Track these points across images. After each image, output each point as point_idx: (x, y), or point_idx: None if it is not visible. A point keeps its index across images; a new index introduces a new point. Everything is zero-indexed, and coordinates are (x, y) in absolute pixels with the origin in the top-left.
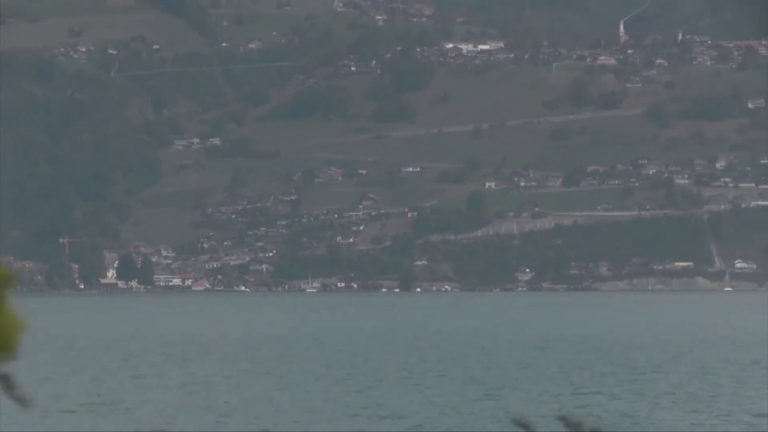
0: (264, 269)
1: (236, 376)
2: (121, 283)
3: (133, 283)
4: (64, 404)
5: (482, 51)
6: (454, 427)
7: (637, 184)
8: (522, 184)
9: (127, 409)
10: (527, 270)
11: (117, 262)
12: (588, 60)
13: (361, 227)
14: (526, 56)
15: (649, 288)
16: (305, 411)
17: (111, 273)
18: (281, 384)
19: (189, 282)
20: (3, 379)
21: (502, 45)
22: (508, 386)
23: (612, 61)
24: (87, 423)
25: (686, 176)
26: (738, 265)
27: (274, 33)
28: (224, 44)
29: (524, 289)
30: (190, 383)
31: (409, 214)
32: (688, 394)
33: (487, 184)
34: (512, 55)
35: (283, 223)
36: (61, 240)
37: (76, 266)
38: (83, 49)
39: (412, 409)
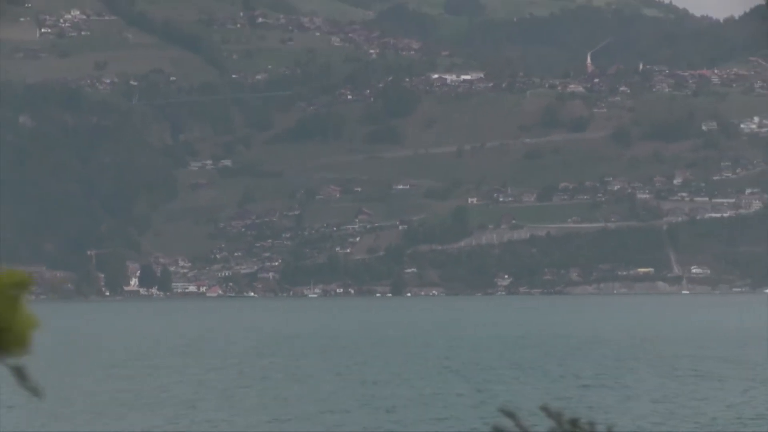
0: (270, 277)
1: (253, 368)
2: (142, 291)
3: (154, 290)
4: (116, 400)
5: (464, 80)
6: (436, 412)
7: (603, 199)
8: (500, 199)
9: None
10: (506, 276)
11: (139, 272)
12: (558, 88)
13: (357, 239)
14: (503, 85)
15: (615, 292)
16: (315, 399)
17: (134, 281)
18: (294, 376)
19: (203, 289)
20: (17, 371)
21: (482, 75)
22: (491, 380)
23: (580, 88)
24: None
25: (647, 191)
26: (694, 270)
27: (278, 66)
28: (234, 76)
29: (503, 293)
30: (208, 379)
31: (400, 227)
32: (651, 385)
33: (469, 200)
34: (491, 84)
35: (288, 235)
36: (88, 252)
37: (102, 275)
38: (107, 81)
39: (398, 393)
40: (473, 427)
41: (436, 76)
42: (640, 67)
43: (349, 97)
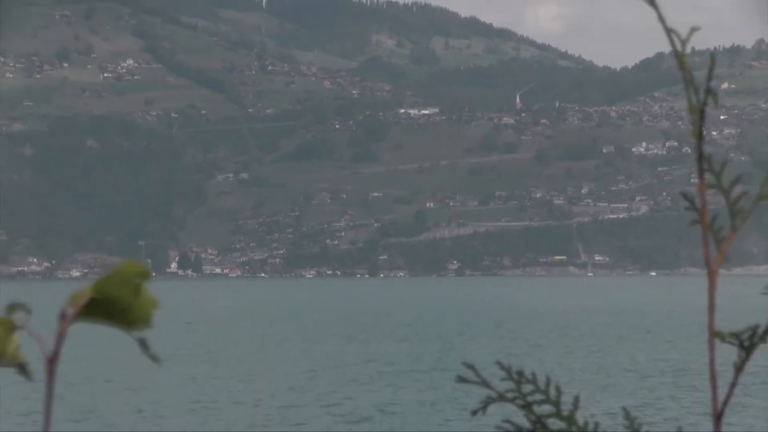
0: (277, 262)
1: (267, 333)
2: (180, 272)
3: (188, 272)
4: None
5: (423, 114)
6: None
7: (528, 204)
8: (451, 204)
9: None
10: (455, 262)
11: (177, 258)
12: (495, 120)
13: (343, 233)
14: (453, 118)
15: (537, 274)
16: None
17: (173, 265)
18: (302, 337)
19: (226, 271)
20: (141, 342)
21: (437, 110)
22: (452, 341)
23: (511, 121)
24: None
25: (561, 198)
26: (597, 258)
27: (283, 102)
28: (249, 110)
29: (453, 275)
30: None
31: (375, 225)
32: (574, 348)
33: (427, 204)
34: (444, 118)
35: (290, 231)
36: (139, 242)
37: (150, 260)
38: (154, 114)
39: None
40: (441, 371)
41: (402, 111)
42: (557, 105)
43: (337, 126)
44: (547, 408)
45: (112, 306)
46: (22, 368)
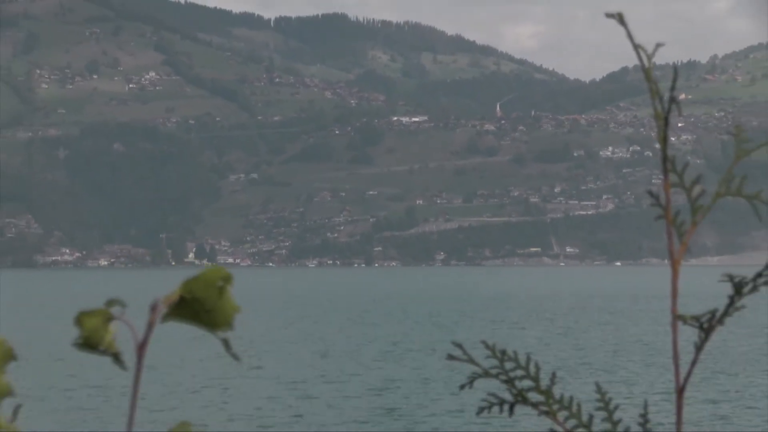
0: (284, 252)
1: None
2: (197, 262)
3: (204, 262)
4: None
5: (414, 121)
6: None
7: (507, 202)
8: (438, 201)
9: None
10: (442, 253)
11: (194, 249)
12: (477, 127)
13: (342, 228)
14: (441, 125)
15: (515, 264)
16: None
17: (191, 255)
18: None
19: (238, 261)
20: (224, 342)
21: (426, 118)
22: (441, 321)
23: (492, 127)
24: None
25: (537, 197)
26: (568, 250)
27: (289, 111)
28: (259, 117)
29: (440, 264)
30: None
31: (371, 220)
32: (550, 329)
33: (417, 202)
34: (432, 124)
35: (295, 225)
36: (160, 235)
37: (170, 251)
38: (174, 120)
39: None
40: (431, 346)
41: (395, 118)
42: (533, 113)
43: (337, 132)
44: (527, 383)
45: (199, 306)
46: (117, 357)
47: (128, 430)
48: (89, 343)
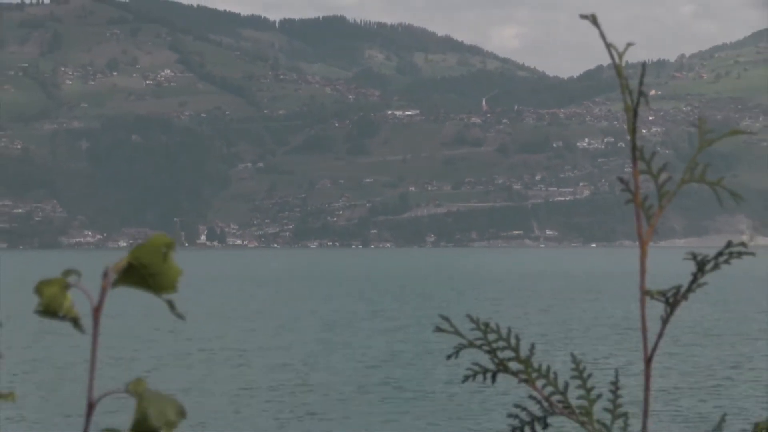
0: (288, 235)
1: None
2: (208, 243)
3: (215, 243)
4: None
5: (407, 115)
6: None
7: (492, 189)
8: (429, 188)
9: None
10: (432, 235)
11: (206, 231)
12: (465, 120)
13: (341, 212)
14: (431, 118)
15: (499, 246)
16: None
17: (202, 237)
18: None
19: (246, 242)
20: (169, 303)
21: (418, 112)
22: (430, 296)
23: (478, 120)
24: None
25: (519, 184)
26: (548, 233)
27: (293, 105)
28: (265, 111)
29: (430, 246)
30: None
31: (368, 205)
32: (530, 304)
33: (410, 188)
34: (424, 118)
35: (298, 209)
36: (174, 219)
37: (183, 233)
38: (187, 114)
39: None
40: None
41: (390, 112)
42: (516, 108)
43: (336, 125)
44: (508, 353)
45: (145, 271)
46: (76, 322)
47: (89, 385)
48: (49, 310)
